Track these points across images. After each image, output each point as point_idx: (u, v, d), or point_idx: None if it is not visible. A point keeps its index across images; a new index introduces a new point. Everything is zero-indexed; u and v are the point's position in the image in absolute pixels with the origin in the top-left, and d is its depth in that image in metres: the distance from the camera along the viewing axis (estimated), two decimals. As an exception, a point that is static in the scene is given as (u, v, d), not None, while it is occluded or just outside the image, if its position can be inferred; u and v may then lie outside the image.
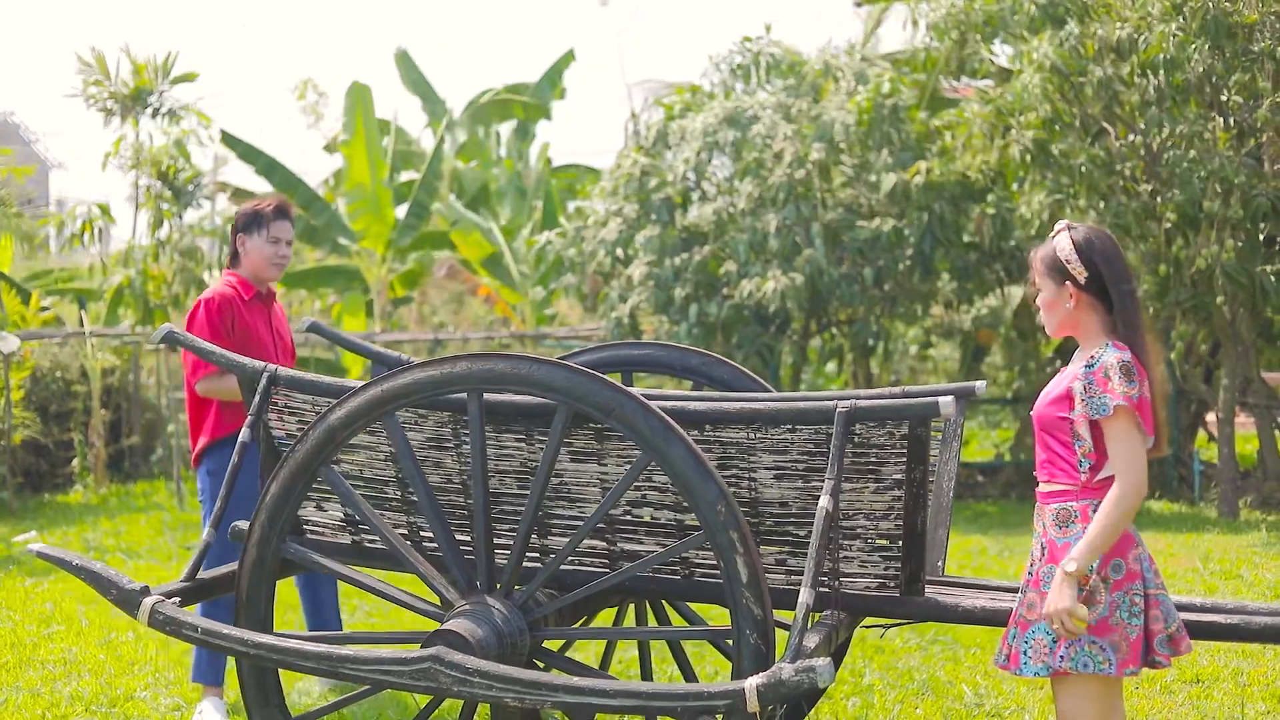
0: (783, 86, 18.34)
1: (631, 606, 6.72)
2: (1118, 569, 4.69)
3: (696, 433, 5.14)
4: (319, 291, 23.71)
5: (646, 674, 6.75)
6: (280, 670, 5.21)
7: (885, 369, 20.35)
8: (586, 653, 8.20)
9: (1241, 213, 14.55)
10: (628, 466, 5.21)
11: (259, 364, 5.63)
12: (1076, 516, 4.72)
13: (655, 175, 17.56)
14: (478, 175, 24.03)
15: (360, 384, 5.26)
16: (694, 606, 6.90)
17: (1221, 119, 15.46)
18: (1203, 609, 5.28)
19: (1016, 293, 19.07)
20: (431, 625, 5.09)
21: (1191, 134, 14.87)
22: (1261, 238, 15.54)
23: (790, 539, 5.26)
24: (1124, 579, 4.70)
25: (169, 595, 5.19)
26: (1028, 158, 15.52)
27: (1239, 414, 17.24)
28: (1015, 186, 16.77)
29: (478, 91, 24.92)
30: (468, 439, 5.36)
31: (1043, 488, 4.87)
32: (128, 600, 5.07)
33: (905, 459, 5.07)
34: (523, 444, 5.35)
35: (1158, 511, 15.91)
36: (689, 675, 6.56)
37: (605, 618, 6.70)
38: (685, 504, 5.22)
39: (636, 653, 7.33)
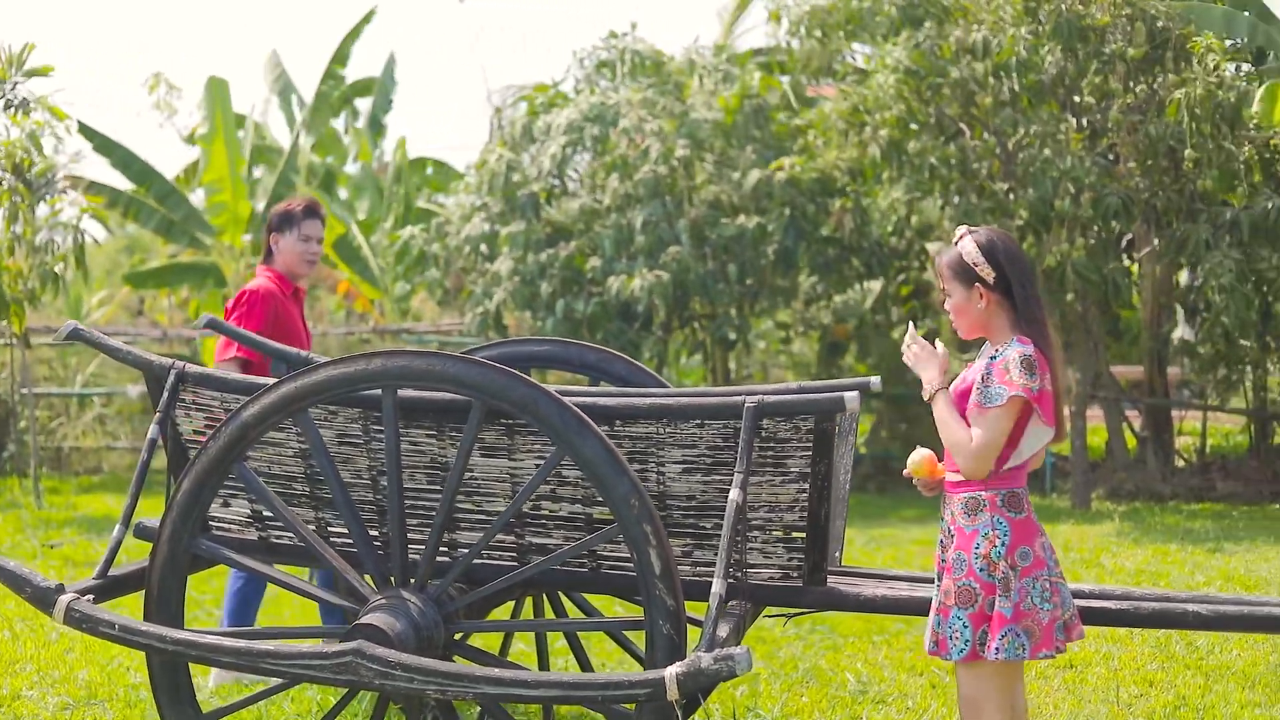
0: (647, 84, 18.48)
1: (529, 599, 6.81)
2: (1025, 556, 4.86)
3: (607, 428, 5.23)
4: (174, 288, 23.39)
5: (544, 665, 6.83)
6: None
7: (744, 364, 20.61)
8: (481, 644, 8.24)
9: (1092, 212, 14.95)
10: (538, 461, 5.30)
11: (166, 360, 5.63)
12: (985, 505, 4.88)
13: (519, 171, 17.61)
14: (334, 169, 23.91)
15: (273, 381, 5.29)
16: (589, 598, 6.99)
17: (1074, 120, 15.90)
18: (1091, 595, 5.49)
19: (875, 287, 19.42)
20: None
21: (1045, 134, 15.27)
22: (1112, 237, 16.00)
23: (697, 531, 5.37)
24: (1032, 565, 4.87)
25: (83, 593, 5.17)
26: (883, 155, 15.84)
27: (1088, 407, 17.73)
28: (875, 182, 17.09)
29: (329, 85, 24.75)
30: (379, 435, 5.41)
31: (951, 478, 5.01)
32: (43, 598, 5.05)
33: (811, 453, 5.22)
34: (433, 440, 5.41)
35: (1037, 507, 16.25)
36: (585, 666, 6.66)
37: (504, 610, 6.78)
38: (594, 497, 5.32)
39: (534, 644, 7.39)
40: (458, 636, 5.33)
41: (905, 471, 5.17)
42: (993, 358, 4.90)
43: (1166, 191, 15.57)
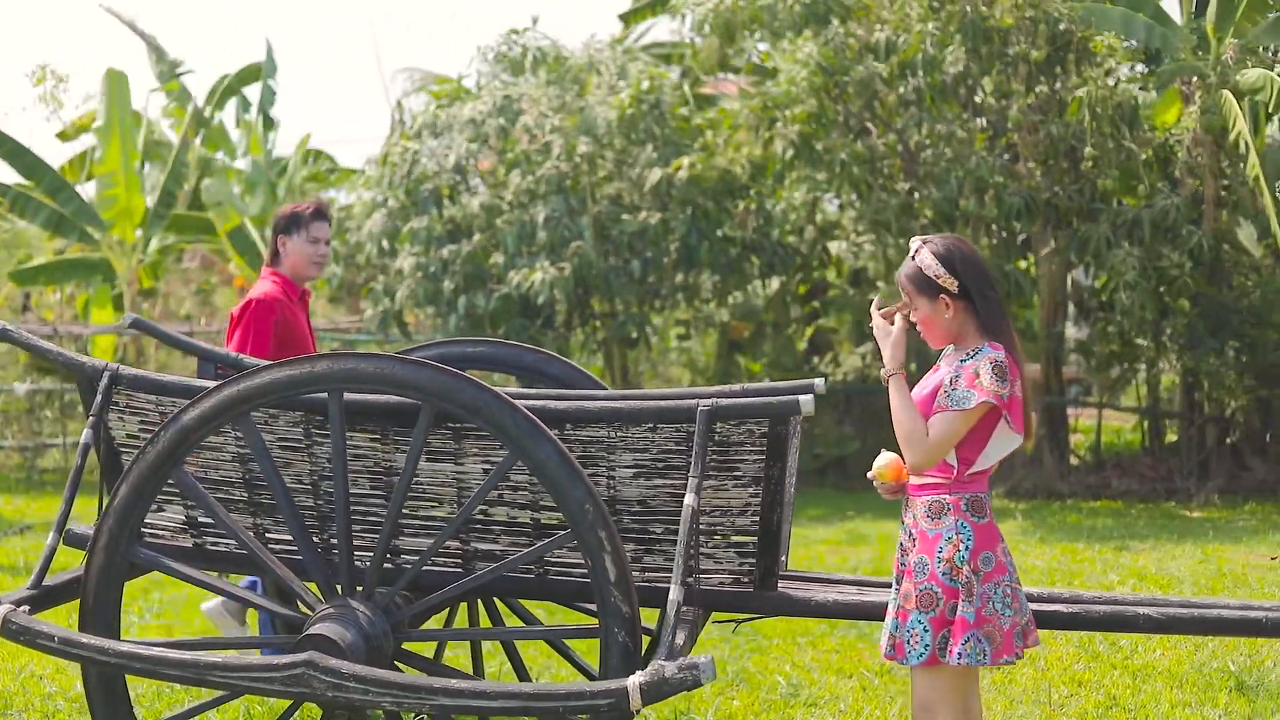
0: (547, 80, 18.38)
1: (463, 605, 6.68)
2: (988, 561, 4.83)
3: (557, 432, 5.13)
4: (62, 285, 22.88)
5: (479, 672, 6.71)
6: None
7: (642, 361, 20.56)
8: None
9: (996, 211, 15.06)
10: (485, 466, 5.20)
11: (99, 362, 5.45)
12: (949, 509, 4.84)
13: (421, 165, 17.43)
14: (223, 165, 23.54)
15: (213, 384, 5.14)
16: (526, 605, 6.88)
17: (978, 120, 16.01)
18: (1041, 599, 5.47)
19: (775, 285, 19.44)
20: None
21: (949, 134, 15.36)
22: (1013, 236, 16.14)
23: (648, 536, 5.29)
24: (994, 571, 4.83)
25: (18, 604, 4.98)
26: (791, 152, 15.84)
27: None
28: (777, 181, 17.10)
29: (218, 78, 24.39)
30: (321, 439, 5.28)
31: (913, 480, 4.95)
32: (-25, 610, 4.86)
33: (764, 456, 5.15)
34: (378, 444, 5.28)
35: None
36: (522, 674, 6.54)
37: (437, 618, 6.65)
38: (542, 502, 5.22)
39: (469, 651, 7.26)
40: (404, 646, 5.22)
41: (869, 474, 5.08)
42: (963, 361, 4.86)
43: (1067, 191, 15.72)
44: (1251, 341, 16.68)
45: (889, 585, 5.76)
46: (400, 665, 5.23)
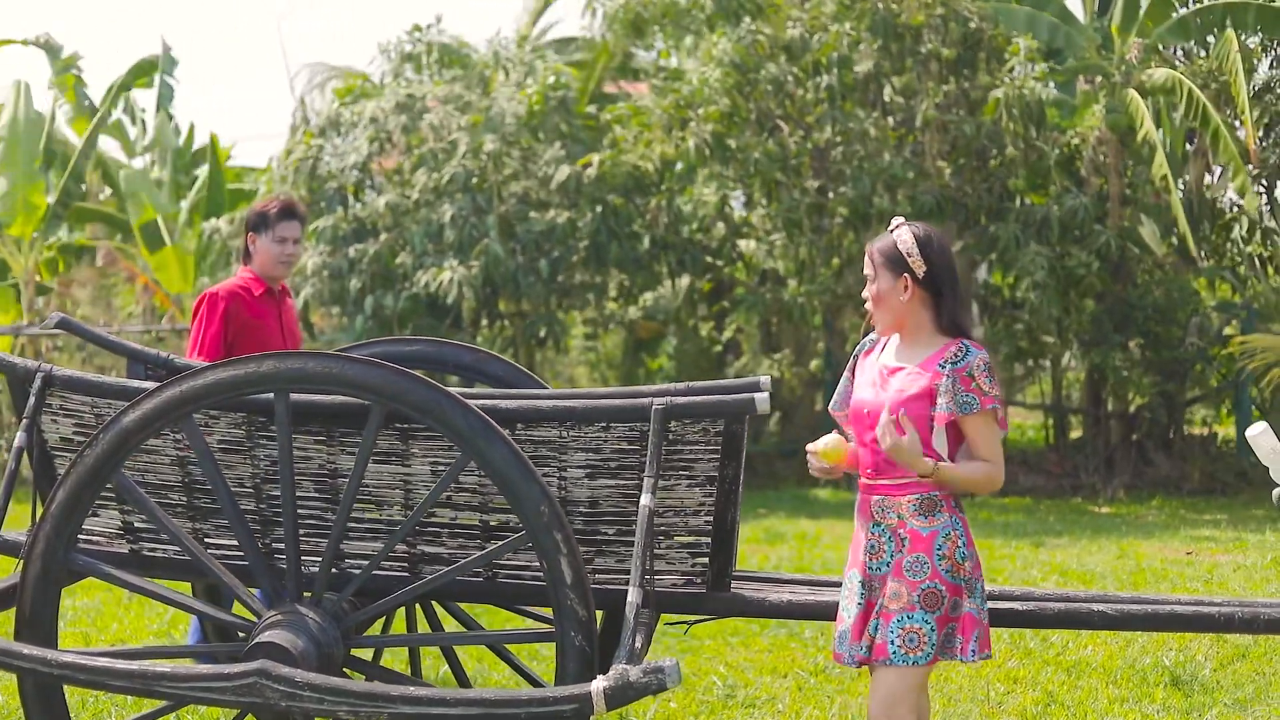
0: (451, 77, 18.22)
1: (401, 609, 6.55)
2: (973, 556, 4.83)
3: (508, 432, 5.02)
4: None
5: (417, 677, 6.58)
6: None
7: (553, 361, 20.43)
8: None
9: (909, 209, 15.10)
10: (434, 467, 5.08)
11: (31, 363, 5.27)
12: (941, 505, 4.79)
13: (325, 163, 17.21)
14: (129, 161, 23.14)
15: (151, 385, 4.99)
16: (467, 608, 6.76)
17: (889, 118, 16.05)
18: (994, 596, 5.43)
19: (682, 285, 19.37)
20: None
21: (861, 132, 15.39)
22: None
23: (598, 538, 5.20)
24: (976, 565, 4.83)
25: (-48, 614, 4.81)
26: (705, 150, 15.79)
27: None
28: (686, 179, 17.05)
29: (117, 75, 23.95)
30: (264, 442, 5.14)
31: (888, 482, 4.85)
32: (-90, 621, 4.68)
33: (719, 456, 5.08)
34: (323, 446, 5.15)
35: (826, 499, 16.41)
36: (462, 679, 6.43)
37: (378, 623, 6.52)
38: (491, 504, 5.12)
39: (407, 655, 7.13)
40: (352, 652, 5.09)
41: (811, 448, 5.01)
42: (954, 363, 4.77)
43: (977, 190, 15.81)
44: (1155, 338, 16.87)
45: (838, 585, 5.72)
46: (347, 672, 5.10)
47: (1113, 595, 5.49)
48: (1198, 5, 17.17)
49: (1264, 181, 17.65)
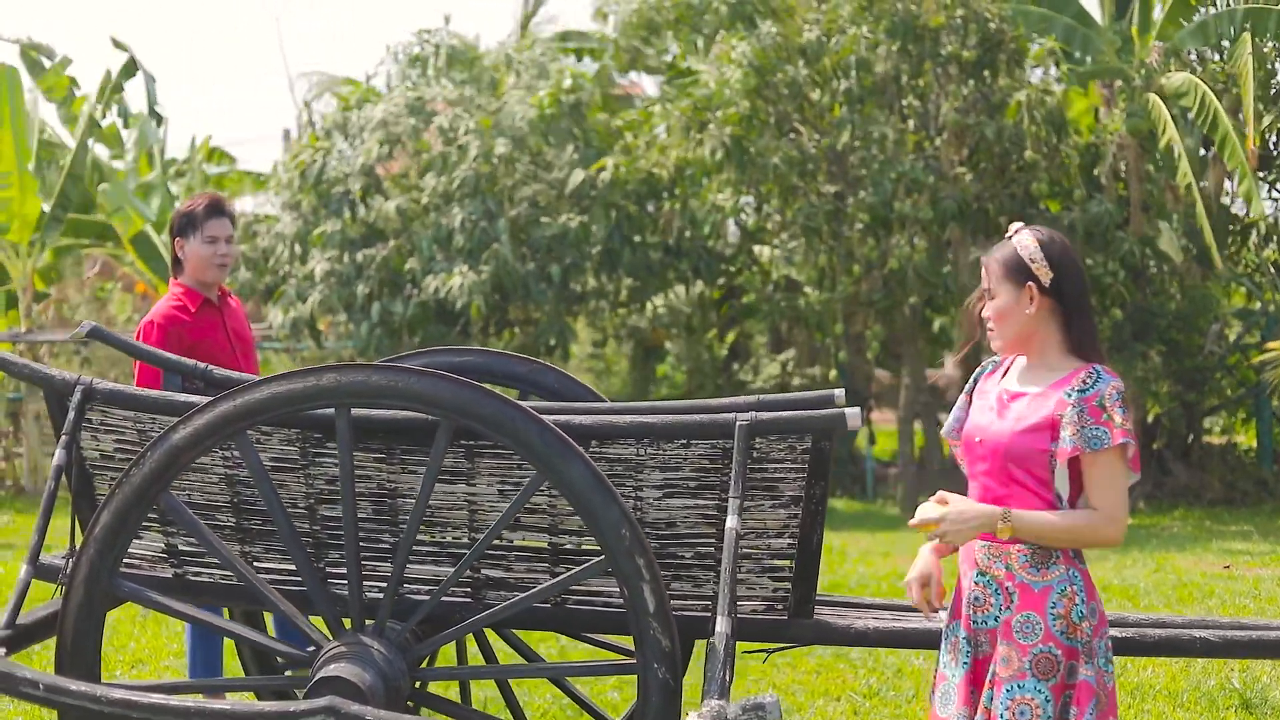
0: (460, 79, 17.91)
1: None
2: (1094, 613, 4.22)
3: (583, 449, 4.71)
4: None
5: (466, 704, 6.26)
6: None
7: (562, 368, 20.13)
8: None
9: (931, 214, 14.82)
10: (502, 487, 4.77)
11: (70, 376, 4.95)
12: (1057, 557, 4.19)
13: (332, 167, 16.88)
14: (121, 166, 22.75)
15: (202, 400, 4.67)
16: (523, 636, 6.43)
17: (910, 122, 15.76)
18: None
19: (693, 291, 19.09)
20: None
21: (881, 136, 15.10)
22: (943, 241, 15.91)
23: (675, 562, 4.89)
24: (1100, 623, 4.24)
25: (-8, 646, 4.48)
26: (721, 154, 15.48)
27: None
28: (705, 183, 16.73)
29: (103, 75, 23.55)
30: (319, 459, 4.82)
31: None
32: (-51, 654, 4.35)
33: (805, 474, 4.77)
34: (381, 464, 4.83)
35: (842, 511, 16.14)
36: (517, 713, 6.10)
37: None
38: (560, 526, 4.81)
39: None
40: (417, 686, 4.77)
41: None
42: (1081, 391, 4.16)
43: (999, 195, 15.53)
44: (1176, 346, 16.59)
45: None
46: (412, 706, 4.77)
47: (1212, 620, 5.22)
48: (1216, 10, 16.89)
49: (1279, 188, 17.40)
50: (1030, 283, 4.27)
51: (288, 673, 5.58)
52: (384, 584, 4.81)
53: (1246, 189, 15.59)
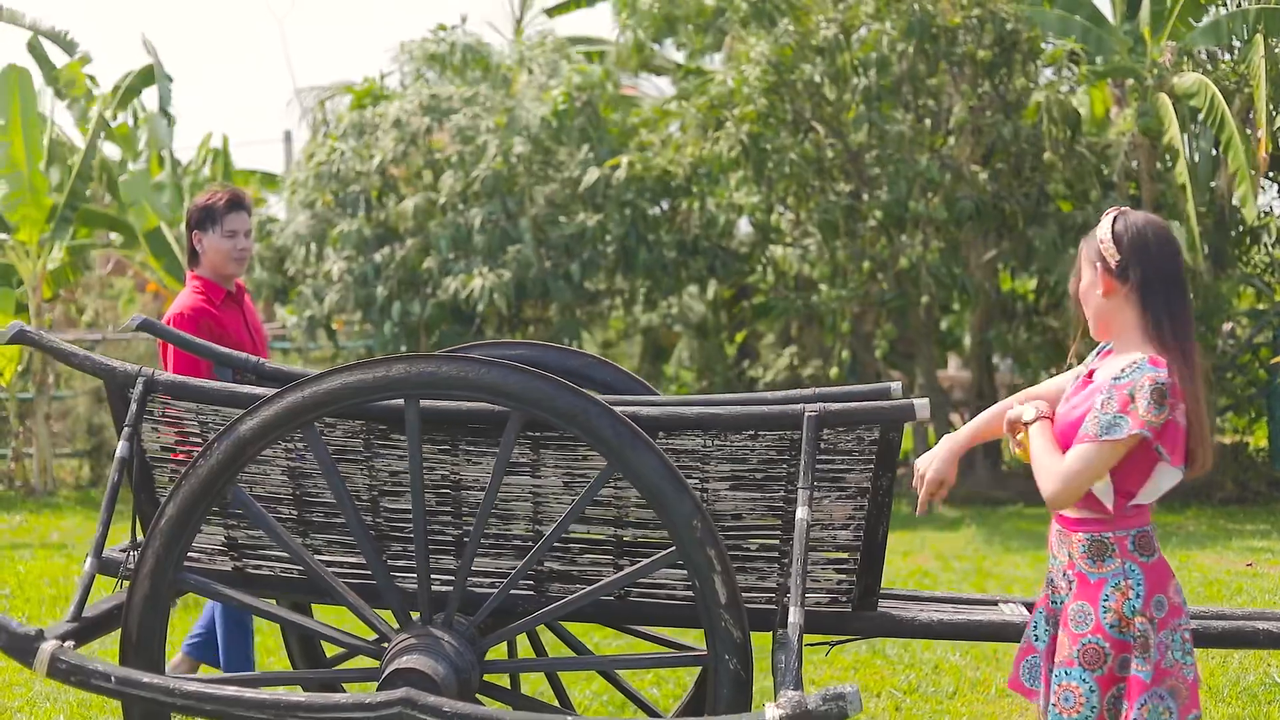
0: (476, 78, 17.85)
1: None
2: (1160, 606, 4.18)
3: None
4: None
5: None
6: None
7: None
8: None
9: (946, 214, 14.80)
10: (567, 479, 4.74)
11: (131, 367, 4.91)
12: (1113, 550, 4.18)
13: (349, 166, 16.82)
14: (133, 166, 22.72)
15: (268, 391, 4.64)
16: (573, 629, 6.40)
17: (926, 121, 15.74)
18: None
19: (711, 290, 19.04)
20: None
21: (897, 135, 15.08)
22: (958, 240, 15.89)
23: (742, 554, 4.87)
24: (1169, 615, 4.19)
25: (62, 638, 4.43)
26: (737, 152, 15.44)
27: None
28: (722, 181, 16.69)
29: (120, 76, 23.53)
30: (383, 451, 4.79)
31: (1069, 513, 4.29)
32: (21, 647, 4.30)
33: (873, 465, 4.75)
34: (446, 455, 4.80)
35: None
36: (565, 703, 6.07)
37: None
38: (625, 518, 4.79)
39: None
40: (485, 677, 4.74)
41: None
42: (1117, 379, 4.12)
43: (1015, 194, 15.51)
44: (1186, 345, 16.54)
45: (985, 604, 5.40)
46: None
47: (1271, 612, 5.20)
48: (1228, 10, 16.88)
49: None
50: (1099, 265, 4.27)
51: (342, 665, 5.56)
52: (444, 577, 4.80)
53: (1244, 192, 15.57)
